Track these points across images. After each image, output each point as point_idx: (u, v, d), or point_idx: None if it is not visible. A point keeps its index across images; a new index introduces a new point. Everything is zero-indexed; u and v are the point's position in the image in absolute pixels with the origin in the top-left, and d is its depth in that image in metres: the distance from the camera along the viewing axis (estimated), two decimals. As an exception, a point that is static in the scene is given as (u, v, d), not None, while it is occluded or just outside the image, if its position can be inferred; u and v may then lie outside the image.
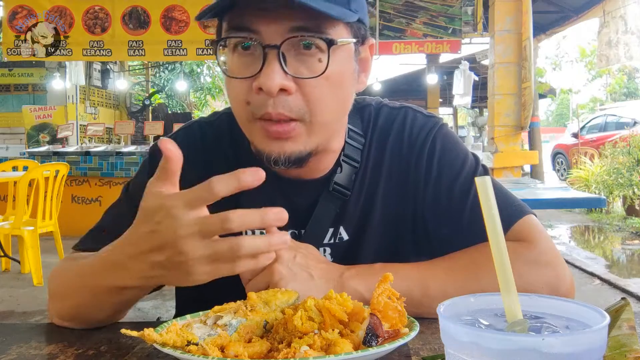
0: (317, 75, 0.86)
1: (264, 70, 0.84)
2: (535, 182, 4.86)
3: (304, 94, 0.87)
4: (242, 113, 0.91)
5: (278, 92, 0.84)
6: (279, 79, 0.84)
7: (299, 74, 0.86)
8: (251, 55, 0.86)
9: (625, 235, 7.40)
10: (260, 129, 0.89)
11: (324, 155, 0.99)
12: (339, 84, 0.90)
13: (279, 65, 0.84)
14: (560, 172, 15.53)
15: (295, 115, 0.87)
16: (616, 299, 0.70)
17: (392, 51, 8.06)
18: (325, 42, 0.85)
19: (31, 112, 9.55)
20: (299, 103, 0.87)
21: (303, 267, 0.88)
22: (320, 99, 0.88)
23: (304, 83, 0.86)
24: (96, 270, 0.83)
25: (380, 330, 0.68)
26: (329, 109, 0.90)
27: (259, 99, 0.86)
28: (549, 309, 0.52)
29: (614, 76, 27.17)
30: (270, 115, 0.86)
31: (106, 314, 0.90)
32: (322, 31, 0.85)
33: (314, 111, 0.88)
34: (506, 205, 0.99)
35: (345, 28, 0.89)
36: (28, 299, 4.36)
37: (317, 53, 0.86)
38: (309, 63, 0.86)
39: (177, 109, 16.43)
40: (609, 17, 7.97)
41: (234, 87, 0.89)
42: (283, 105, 0.86)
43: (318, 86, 0.87)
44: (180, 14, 7.89)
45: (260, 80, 0.84)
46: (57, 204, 5.12)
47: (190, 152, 1.06)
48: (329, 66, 0.86)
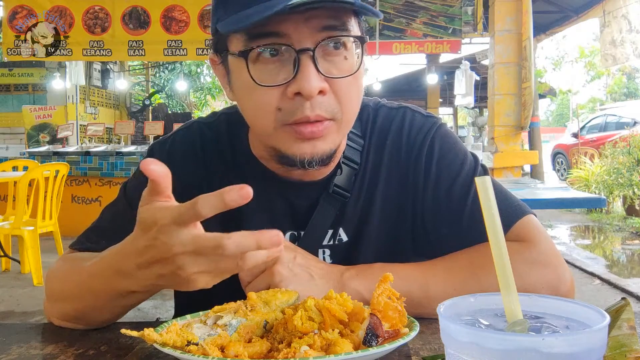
0: (350, 74, 0.88)
1: (300, 74, 0.84)
2: (535, 182, 4.86)
3: (336, 93, 0.88)
4: (269, 121, 0.89)
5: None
6: (318, 82, 0.84)
7: (330, 74, 0.86)
8: (278, 62, 0.86)
9: (626, 235, 7.40)
10: (291, 132, 0.88)
11: None
12: (360, 81, 0.92)
13: (314, 68, 0.84)
14: (560, 172, 15.54)
15: (330, 115, 0.88)
16: (616, 299, 0.70)
17: (392, 51, 8.06)
18: (358, 40, 0.87)
19: (31, 112, 9.56)
20: (332, 103, 0.87)
21: (303, 267, 0.88)
22: (349, 97, 0.89)
23: (335, 83, 0.87)
24: (103, 275, 0.82)
25: (380, 330, 0.68)
26: (355, 106, 0.92)
27: (293, 104, 0.86)
28: (549, 309, 0.52)
29: (613, 76, 27.17)
30: (309, 118, 0.86)
31: (110, 316, 0.90)
32: (348, 29, 0.86)
33: (345, 109, 0.89)
34: (506, 206, 0.99)
35: (357, 25, 0.90)
36: (28, 299, 4.36)
37: (343, 52, 0.87)
38: (337, 62, 0.87)
39: (177, 109, 16.44)
40: (610, 17, 7.97)
41: (260, 95, 0.87)
42: (319, 107, 0.86)
43: (347, 84, 0.88)
44: (180, 14, 7.89)
45: (300, 84, 0.83)
46: (57, 204, 5.12)
47: (189, 153, 1.06)
48: (361, 64, 0.88)
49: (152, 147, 1.10)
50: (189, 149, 1.06)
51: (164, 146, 1.08)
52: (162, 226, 0.69)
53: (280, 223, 0.99)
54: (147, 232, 0.71)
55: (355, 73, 0.88)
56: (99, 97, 12.12)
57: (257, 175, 1.01)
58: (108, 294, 0.83)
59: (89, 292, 0.86)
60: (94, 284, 0.84)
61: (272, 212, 1.02)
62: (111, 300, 0.84)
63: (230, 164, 1.05)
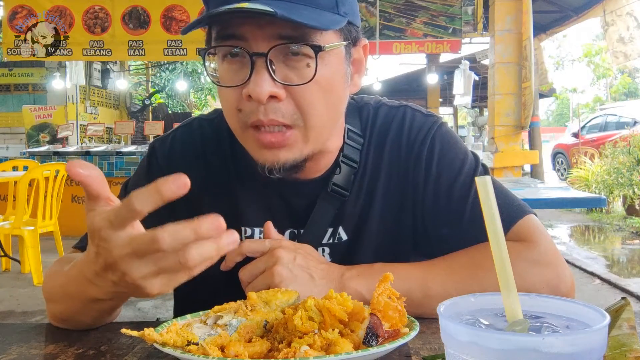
0: (306, 81, 0.85)
1: (252, 78, 0.84)
2: (535, 182, 4.86)
3: (295, 100, 0.87)
4: (234, 121, 0.91)
5: (268, 99, 0.84)
6: (268, 87, 0.83)
7: (288, 81, 0.85)
8: (239, 63, 0.87)
9: (626, 235, 7.39)
10: (253, 138, 0.89)
11: (322, 156, 0.99)
12: (329, 88, 0.89)
13: (267, 73, 0.84)
14: (560, 172, 15.53)
15: (288, 120, 0.87)
16: (616, 298, 0.69)
17: (392, 51, 8.06)
18: (312, 49, 0.85)
19: (31, 112, 9.56)
20: (290, 109, 0.87)
21: (303, 268, 0.88)
22: (312, 104, 0.87)
23: (294, 89, 0.86)
24: (76, 280, 0.79)
25: (380, 330, 0.68)
26: (321, 114, 0.89)
27: (250, 106, 0.86)
28: (549, 309, 0.52)
29: (615, 77, 27.12)
30: (262, 122, 0.86)
31: (92, 319, 0.88)
32: (309, 38, 0.84)
33: (306, 116, 0.88)
34: (507, 205, 0.99)
35: (334, 32, 0.88)
36: (28, 298, 4.36)
37: (304, 59, 0.85)
38: (298, 69, 0.86)
39: (178, 109, 16.45)
40: (614, 16, 7.97)
41: (225, 95, 0.90)
42: (274, 112, 0.86)
43: (308, 91, 0.87)
44: (180, 13, 7.89)
45: (249, 87, 0.84)
46: (57, 203, 5.12)
47: (190, 150, 1.06)
48: (317, 72, 0.85)
49: (152, 144, 1.10)
50: (189, 146, 1.07)
51: (164, 143, 1.09)
52: (100, 231, 0.66)
53: (279, 221, 1.00)
54: (93, 240, 0.69)
55: (316, 80, 0.85)
56: (99, 97, 12.12)
57: (255, 173, 1.01)
58: (80, 299, 0.81)
59: (67, 295, 0.84)
60: (70, 288, 0.82)
61: (270, 211, 1.02)
62: (85, 305, 0.82)
63: (230, 161, 1.05)
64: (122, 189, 1.08)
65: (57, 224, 5.13)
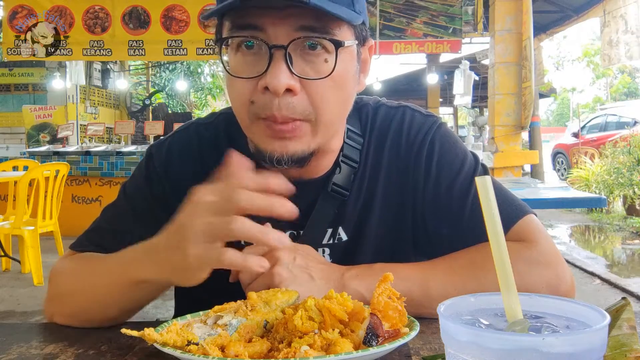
0: (324, 76, 0.86)
1: (270, 70, 0.84)
2: (535, 182, 4.86)
3: (309, 94, 0.87)
4: (244, 112, 0.90)
5: (284, 92, 0.84)
6: (286, 79, 0.83)
7: (305, 75, 0.85)
8: (256, 55, 0.86)
9: (626, 234, 7.39)
10: (264, 128, 0.88)
11: (323, 156, 0.99)
12: (342, 84, 0.90)
13: (285, 65, 0.84)
14: (560, 172, 15.52)
15: (299, 116, 0.87)
16: (616, 298, 0.69)
17: (392, 51, 8.05)
18: (333, 43, 0.85)
19: (31, 111, 9.56)
20: (304, 103, 0.87)
21: (303, 268, 0.88)
22: (325, 100, 0.88)
23: (309, 83, 0.86)
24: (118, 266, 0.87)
25: (380, 330, 0.68)
26: (333, 109, 0.90)
27: (264, 99, 0.86)
28: (549, 309, 0.52)
29: (615, 77, 27.12)
30: (275, 117, 0.86)
31: (117, 312, 0.92)
32: (328, 32, 0.85)
33: (319, 111, 0.88)
34: (506, 205, 0.99)
35: (349, 29, 0.89)
36: (28, 298, 4.36)
37: (323, 54, 0.86)
38: (315, 63, 0.86)
39: (178, 109, 16.43)
40: (610, 17, 7.96)
41: (237, 86, 0.89)
42: (287, 107, 0.85)
43: (323, 87, 0.87)
44: (181, 13, 7.88)
45: (267, 79, 0.84)
46: (58, 203, 5.12)
47: (187, 153, 1.06)
48: (335, 67, 0.86)
49: (150, 149, 1.10)
50: (186, 150, 1.06)
51: (161, 147, 1.08)
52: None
53: (278, 222, 0.99)
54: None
55: (332, 75, 0.86)
56: (99, 97, 12.12)
57: None
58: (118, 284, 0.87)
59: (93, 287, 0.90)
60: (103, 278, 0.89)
61: None
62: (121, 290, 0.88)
63: None
64: (120, 191, 1.08)
65: (57, 224, 5.13)
